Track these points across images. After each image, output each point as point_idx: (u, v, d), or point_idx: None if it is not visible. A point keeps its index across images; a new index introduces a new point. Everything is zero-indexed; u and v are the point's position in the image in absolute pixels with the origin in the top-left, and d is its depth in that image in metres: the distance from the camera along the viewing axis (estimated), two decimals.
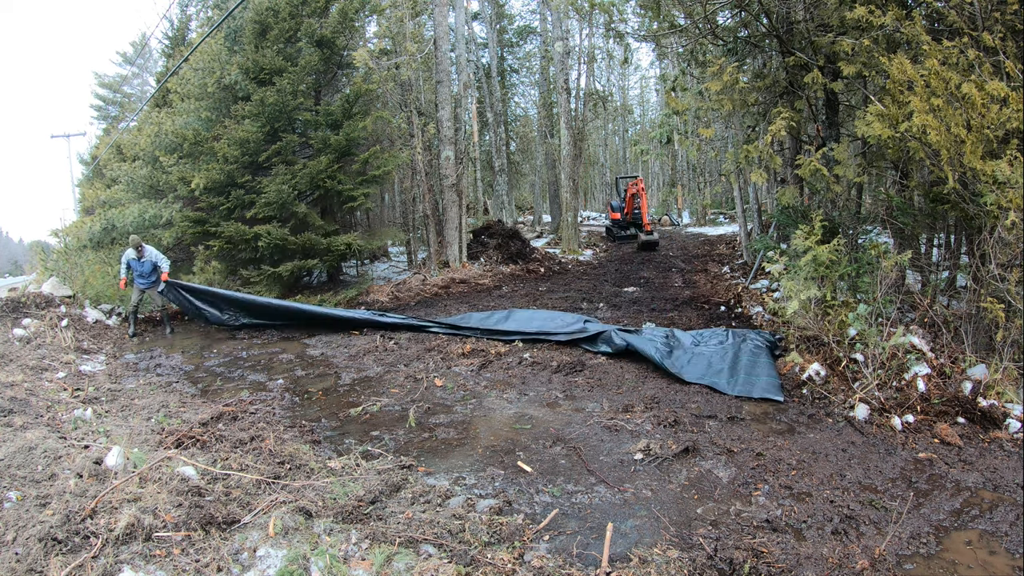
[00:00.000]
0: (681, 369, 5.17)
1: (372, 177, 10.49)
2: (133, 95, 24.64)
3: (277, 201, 9.26)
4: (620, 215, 18.45)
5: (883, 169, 6.07)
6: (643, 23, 10.10)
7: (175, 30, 15.21)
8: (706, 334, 5.95)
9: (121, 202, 11.20)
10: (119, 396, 5.19)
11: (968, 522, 2.82)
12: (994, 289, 4.07)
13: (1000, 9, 4.41)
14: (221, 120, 10.00)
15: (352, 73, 11.26)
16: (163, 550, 2.48)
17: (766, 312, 6.96)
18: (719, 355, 5.38)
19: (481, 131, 21.04)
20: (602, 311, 8.15)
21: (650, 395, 4.72)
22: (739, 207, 12.03)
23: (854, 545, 2.64)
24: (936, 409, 3.96)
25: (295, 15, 10.08)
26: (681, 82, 11.17)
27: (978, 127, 3.98)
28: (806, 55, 5.91)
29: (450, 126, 12.38)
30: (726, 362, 5.20)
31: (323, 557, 2.60)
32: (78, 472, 3.03)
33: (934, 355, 4.36)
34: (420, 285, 10.78)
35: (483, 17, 21.92)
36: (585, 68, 17.48)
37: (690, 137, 12.93)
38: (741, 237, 12.76)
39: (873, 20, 4.67)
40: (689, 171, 26.54)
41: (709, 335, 5.92)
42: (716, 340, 5.75)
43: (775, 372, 4.93)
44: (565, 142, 15.98)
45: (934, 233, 5.96)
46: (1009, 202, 3.85)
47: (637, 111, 36.94)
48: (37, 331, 7.23)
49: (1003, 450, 3.52)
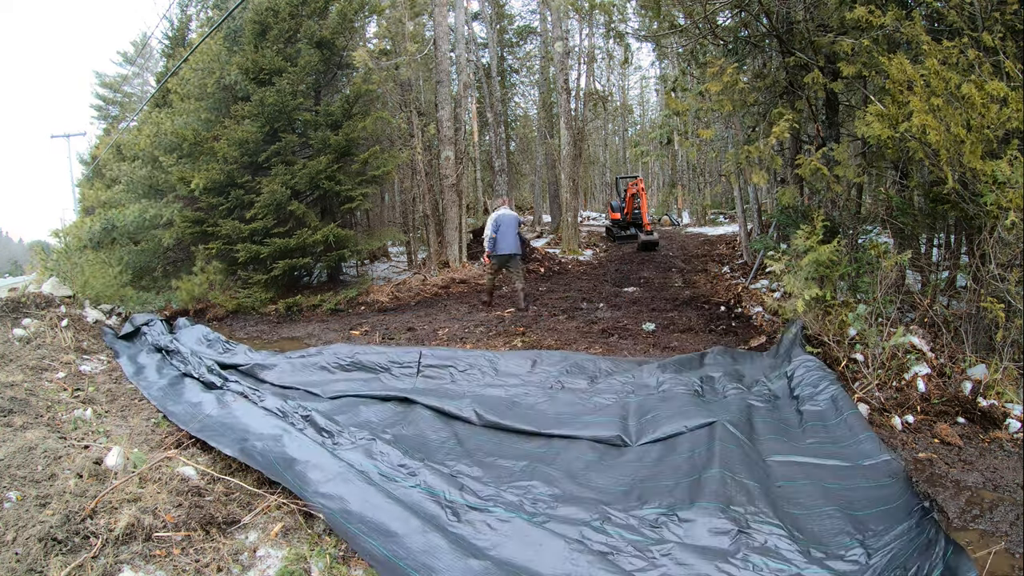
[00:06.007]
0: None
1: (371, 177, 10.49)
2: (133, 95, 24.64)
3: (272, 203, 9.26)
4: (620, 215, 18.44)
5: (883, 169, 6.06)
6: (643, 23, 10.11)
7: (175, 30, 15.22)
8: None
9: (121, 202, 11.21)
10: (119, 396, 5.18)
11: (968, 522, 2.82)
12: (994, 289, 4.06)
13: (1000, 9, 4.41)
14: (221, 120, 10.00)
15: (352, 73, 11.26)
16: (163, 550, 2.48)
17: (766, 312, 6.96)
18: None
19: (481, 131, 21.04)
20: (602, 311, 8.15)
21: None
22: (739, 207, 12.03)
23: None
24: (936, 409, 3.96)
25: (295, 15, 10.08)
26: (681, 82, 11.18)
27: (978, 127, 3.98)
28: (806, 55, 5.91)
29: (450, 126, 12.38)
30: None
31: (323, 557, 2.60)
32: (78, 472, 3.03)
33: (934, 355, 4.35)
34: (420, 285, 10.79)
35: (483, 17, 21.92)
36: (585, 68, 17.49)
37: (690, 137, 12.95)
38: (741, 237, 12.76)
39: (873, 20, 4.67)
40: (689, 171, 26.54)
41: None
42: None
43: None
44: (565, 142, 15.98)
45: (934, 233, 5.95)
46: (1009, 202, 3.85)
47: (637, 111, 36.95)
48: (37, 331, 7.22)
49: (1003, 450, 3.52)
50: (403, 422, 4.07)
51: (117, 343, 6.76)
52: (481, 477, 3.24)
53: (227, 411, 4.33)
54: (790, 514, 2.75)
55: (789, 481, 3.08)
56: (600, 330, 6.87)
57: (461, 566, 2.40)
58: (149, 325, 7.00)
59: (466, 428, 3.96)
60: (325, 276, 11.65)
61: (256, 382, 5.24)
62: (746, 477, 2.96)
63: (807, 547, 2.49)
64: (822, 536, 2.60)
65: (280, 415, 4.12)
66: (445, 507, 2.93)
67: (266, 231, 9.43)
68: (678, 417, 3.77)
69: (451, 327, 7.41)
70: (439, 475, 3.18)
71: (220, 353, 6.27)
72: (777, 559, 2.41)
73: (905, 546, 2.41)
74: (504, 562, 2.48)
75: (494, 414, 4.03)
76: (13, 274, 28.31)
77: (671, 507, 2.80)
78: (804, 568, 2.37)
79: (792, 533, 2.57)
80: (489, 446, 3.70)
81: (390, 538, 2.60)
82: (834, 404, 3.81)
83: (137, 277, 10.47)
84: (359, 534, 2.65)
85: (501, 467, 3.38)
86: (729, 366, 4.78)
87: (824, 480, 3.08)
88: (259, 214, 9.34)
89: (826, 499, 2.88)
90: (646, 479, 3.17)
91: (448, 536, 2.62)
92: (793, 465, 3.24)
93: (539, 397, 4.52)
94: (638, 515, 2.78)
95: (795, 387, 4.17)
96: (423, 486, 3.10)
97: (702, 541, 2.55)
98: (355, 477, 3.10)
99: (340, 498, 2.92)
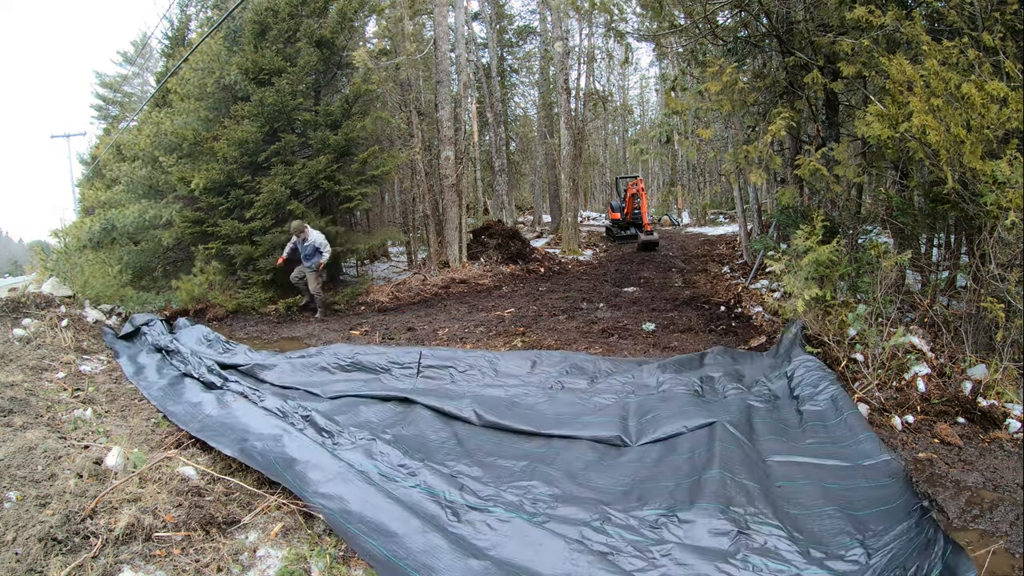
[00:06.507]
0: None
1: (371, 177, 10.48)
2: (133, 95, 24.63)
3: (272, 202, 9.26)
4: (620, 215, 18.45)
5: (883, 169, 6.06)
6: (643, 23, 10.11)
7: (175, 30, 15.22)
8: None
9: (121, 202, 11.19)
10: (119, 396, 5.18)
11: (969, 522, 2.82)
12: (994, 289, 4.06)
13: (1000, 9, 4.41)
14: (220, 120, 9.99)
15: (351, 73, 11.24)
16: (163, 550, 2.48)
17: (766, 312, 6.96)
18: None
19: (481, 131, 21.04)
20: (602, 311, 8.15)
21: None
22: (739, 207, 12.03)
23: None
24: (936, 409, 3.96)
25: (294, 15, 10.07)
26: (681, 82, 11.18)
27: (978, 127, 3.98)
28: (806, 55, 5.91)
29: (450, 126, 12.38)
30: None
31: (323, 557, 2.60)
32: (78, 472, 3.03)
33: (934, 355, 4.35)
34: (420, 285, 10.79)
35: (483, 17, 21.92)
36: (585, 68, 17.50)
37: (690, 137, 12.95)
38: (741, 237, 12.76)
39: (873, 20, 4.67)
40: (689, 171, 26.54)
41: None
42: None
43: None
44: (565, 142, 15.98)
45: (934, 233, 5.95)
46: (1009, 202, 3.85)
47: (637, 111, 36.96)
48: (37, 331, 7.22)
49: (1003, 450, 3.52)
50: (403, 422, 4.07)
51: (117, 343, 6.76)
52: (481, 477, 3.24)
53: (227, 411, 4.33)
54: (790, 514, 2.75)
55: (789, 481, 3.08)
56: (600, 330, 6.87)
57: (461, 566, 2.40)
58: (149, 325, 7.00)
59: (466, 428, 3.96)
60: (325, 276, 11.63)
61: (256, 382, 5.24)
62: (746, 478, 2.96)
63: (807, 547, 2.50)
64: (822, 536, 2.60)
65: (280, 415, 4.12)
66: (445, 507, 2.93)
67: (264, 231, 9.43)
68: (678, 417, 3.77)
69: (451, 327, 7.41)
70: (439, 475, 3.18)
71: (220, 353, 6.27)
72: (777, 560, 2.41)
73: (905, 546, 2.41)
74: (504, 562, 2.48)
75: (494, 414, 4.03)
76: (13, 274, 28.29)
77: (671, 507, 2.80)
78: (804, 569, 2.37)
79: (792, 534, 2.57)
80: (489, 446, 3.70)
81: (390, 538, 2.60)
82: (834, 404, 3.81)
83: (137, 277, 10.46)
84: (359, 534, 2.65)
85: (501, 467, 3.38)
86: (729, 366, 4.78)
87: (824, 480, 3.08)
88: (259, 214, 9.34)
89: (826, 499, 2.88)
90: (646, 479, 3.17)
91: (448, 536, 2.62)
92: (793, 465, 3.24)
93: (539, 397, 4.52)
94: (638, 515, 2.78)
95: (795, 387, 4.17)
96: (423, 486, 3.11)
97: (702, 542, 2.55)
98: (355, 477, 3.10)
99: (340, 498, 2.92)
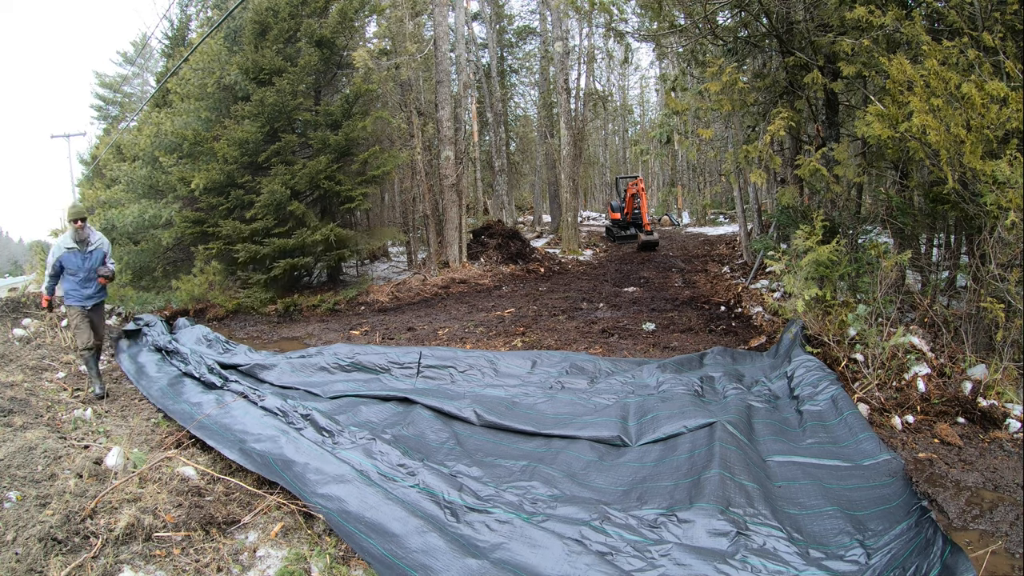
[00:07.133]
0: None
1: (371, 177, 10.50)
2: (133, 95, 24.62)
3: (272, 203, 9.26)
4: (620, 215, 18.45)
5: (883, 169, 6.06)
6: (643, 23, 10.11)
7: (175, 30, 15.20)
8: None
9: (121, 202, 11.19)
10: (119, 396, 5.19)
11: (968, 522, 2.82)
12: (994, 289, 4.06)
13: (1000, 9, 4.41)
14: (221, 120, 10.00)
15: (352, 73, 11.25)
16: (163, 550, 2.48)
17: (766, 312, 6.96)
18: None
19: (481, 131, 21.04)
20: (602, 311, 8.15)
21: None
22: (739, 207, 12.03)
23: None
24: (936, 409, 3.96)
25: (295, 15, 10.08)
26: (681, 82, 11.16)
27: (978, 127, 3.98)
28: (806, 55, 5.91)
29: (450, 126, 12.38)
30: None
31: (323, 557, 2.60)
32: (78, 472, 3.03)
33: (934, 355, 4.35)
34: (420, 285, 10.79)
35: (483, 17, 21.92)
36: (585, 68, 17.50)
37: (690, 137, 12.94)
38: (741, 237, 12.75)
39: (873, 20, 4.67)
40: (689, 171, 26.53)
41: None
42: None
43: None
44: (565, 142, 15.98)
45: (934, 233, 5.95)
46: (1009, 202, 3.84)
47: (637, 111, 36.96)
48: (37, 331, 7.23)
49: (1003, 450, 3.52)
50: (403, 422, 4.07)
51: (117, 343, 6.75)
52: (480, 477, 3.24)
53: (227, 411, 4.33)
54: (790, 515, 2.75)
55: (789, 481, 3.07)
56: (600, 330, 6.87)
57: (459, 566, 2.40)
58: (149, 325, 7.00)
59: (466, 428, 3.96)
60: (325, 276, 11.65)
61: (256, 382, 5.24)
62: (746, 478, 2.96)
63: (806, 548, 2.49)
64: (822, 536, 2.60)
65: (280, 415, 4.12)
66: (444, 507, 2.93)
67: (266, 231, 9.43)
68: (678, 417, 3.77)
69: (451, 327, 7.41)
70: (438, 475, 3.18)
71: (220, 353, 6.27)
72: (776, 561, 2.41)
73: (904, 546, 2.41)
74: (503, 562, 2.48)
75: (494, 414, 4.03)
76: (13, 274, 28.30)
77: (670, 508, 2.80)
78: (802, 570, 2.37)
79: (791, 535, 2.57)
80: (488, 446, 3.70)
81: (389, 538, 2.60)
82: (834, 404, 3.81)
83: (137, 277, 10.46)
84: (358, 534, 2.65)
85: (500, 467, 3.38)
86: (729, 366, 4.77)
87: (824, 480, 3.08)
88: (259, 214, 9.34)
89: (826, 499, 2.88)
90: (645, 479, 3.17)
91: (447, 536, 2.62)
92: (793, 465, 3.24)
93: (539, 397, 4.51)
94: (637, 515, 2.78)
95: (795, 387, 4.17)
96: (422, 486, 3.11)
97: (701, 542, 2.55)
98: (354, 477, 3.10)
99: (339, 498, 2.92)
